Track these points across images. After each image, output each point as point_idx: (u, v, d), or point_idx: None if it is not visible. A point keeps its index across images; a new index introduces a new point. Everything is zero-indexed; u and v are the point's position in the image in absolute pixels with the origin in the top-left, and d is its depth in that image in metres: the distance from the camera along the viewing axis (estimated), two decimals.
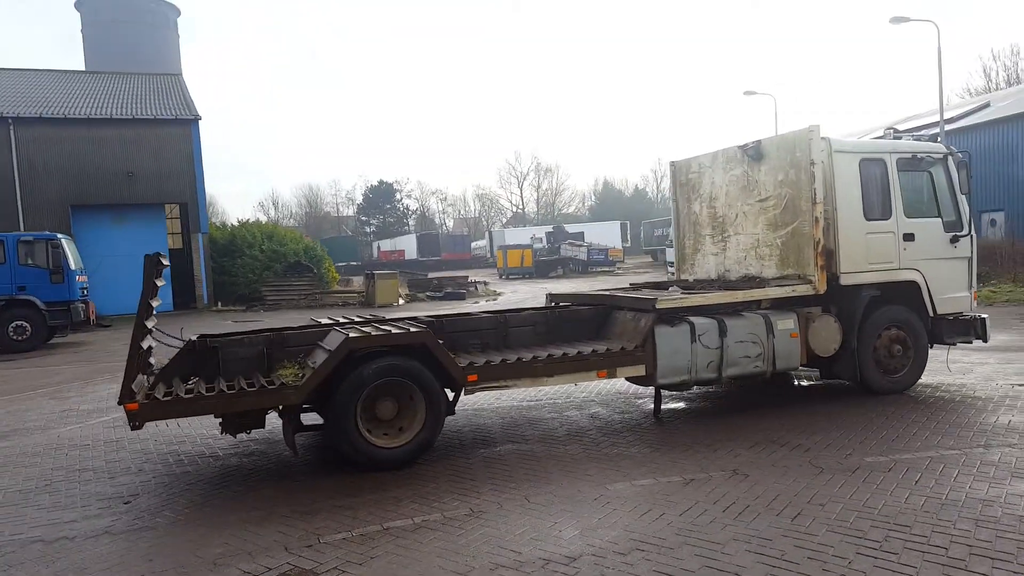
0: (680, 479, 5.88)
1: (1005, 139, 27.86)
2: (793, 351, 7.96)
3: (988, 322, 8.95)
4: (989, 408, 7.69)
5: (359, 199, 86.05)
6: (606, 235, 59.35)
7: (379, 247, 73.80)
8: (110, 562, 4.81)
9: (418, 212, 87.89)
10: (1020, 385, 8.74)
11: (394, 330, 6.60)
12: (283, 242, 30.34)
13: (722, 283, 9.21)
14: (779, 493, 5.44)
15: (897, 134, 9.22)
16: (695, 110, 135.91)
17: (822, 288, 8.04)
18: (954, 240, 8.79)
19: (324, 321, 7.85)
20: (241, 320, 23.81)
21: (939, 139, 20.20)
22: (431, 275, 38.87)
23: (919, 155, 8.65)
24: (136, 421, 5.76)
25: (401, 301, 29.25)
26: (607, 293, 8.73)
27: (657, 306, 7.41)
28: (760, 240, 8.84)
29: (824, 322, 8.13)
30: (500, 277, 47.20)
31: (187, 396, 5.86)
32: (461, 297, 31.19)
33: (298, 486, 6.20)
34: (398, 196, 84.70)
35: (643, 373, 7.35)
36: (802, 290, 8.03)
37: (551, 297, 9.50)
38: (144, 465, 7.05)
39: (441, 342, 6.69)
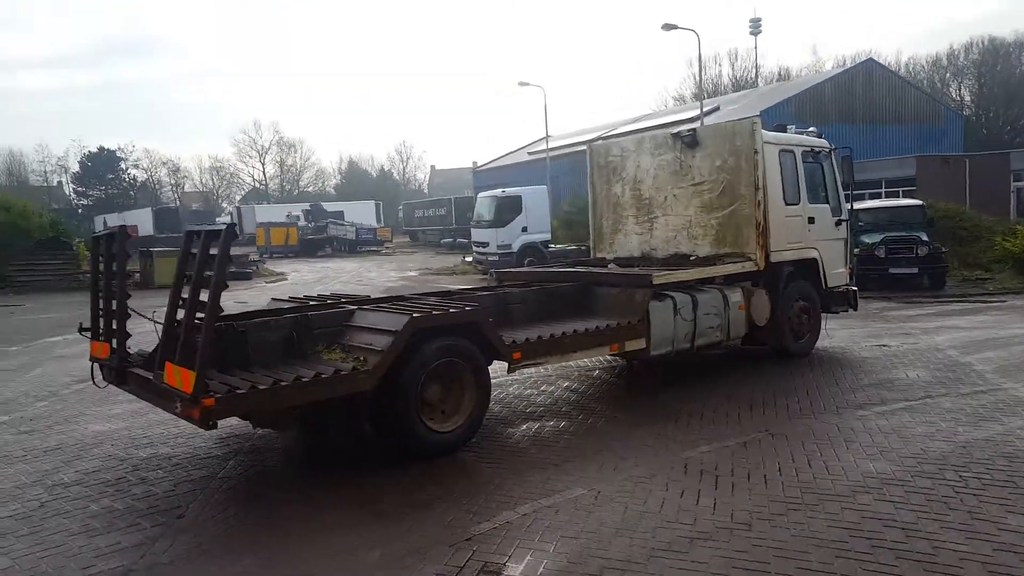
0: (735, 443, 6.25)
1: None
2: (741, 321, 8.75)
3: (857, 294, 10.58)
4: (888, 366, 9.11)
5: (75, 167, 74.70)
6: (362, 215, 58.58)
7: (105, 222, 64.86)
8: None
9: (147, 184, 78.43)
10: (882, 346, 10.47)
11: (451, 308, 6.14)
12: (24, 215, 25.43)
13: (649, 260, 9.73)
14: (835, 447, 6.03)
15: (799, 129, 10.40)
16: (446, 96, 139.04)
17: (762, 265, 8.91)
18: (837, 224, 10.23)
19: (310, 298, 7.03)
20: None
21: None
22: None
23: (816, 148, 9.91)
24: (212, 419, 4.81)
25: None
26: (583, 271, 8.83)
27: (653, 282, 7.68)
28: (693, 221, 9.49)
29: (760, 295, 9.02)
30: (261, 256, 44.21)
31: (264, 388, 5.01)
32: (247, 277, 28.71)
33: (362, 482, 5.59)
34: (123, 165, 74.98)
35: (643, 346, 7.58)
36: (749, 267, 8.83)
37: (499, 276, 9.38)
38: (139, 472, 5.92)
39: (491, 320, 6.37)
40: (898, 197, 24.43)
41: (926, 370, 8.82)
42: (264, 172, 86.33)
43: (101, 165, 72.94)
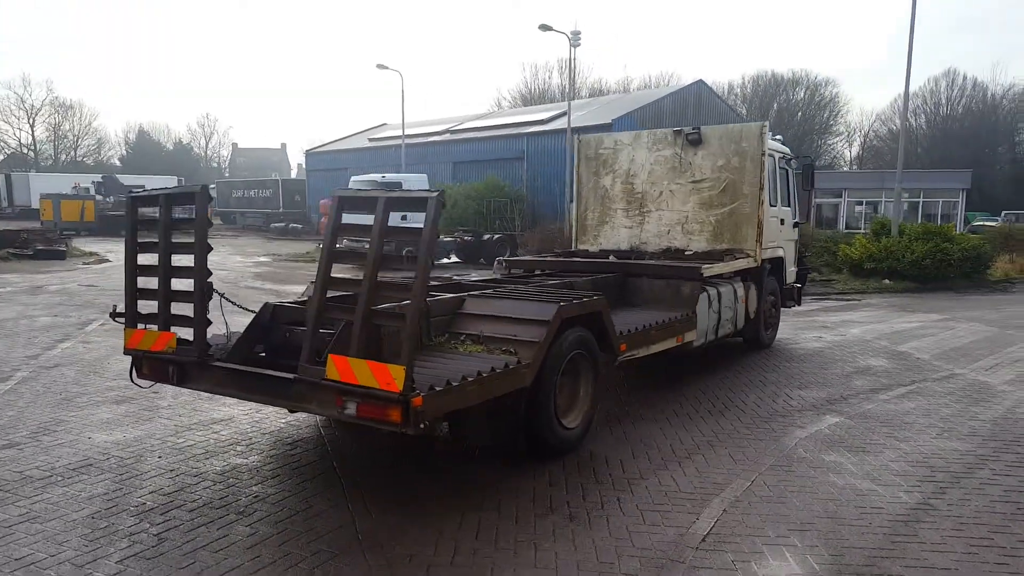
0: (820, 429, 6.69)
1: None
2: (742, 314, 9.32)
3: (801, 291, 11.71)
4: (848, 356, 10.10)
5: None
6: None
7: None
8: None
9: None
10: (818, 338, 11.66)
11: (583, 297, 5.91)
12: None
13: (641, 253, 10.04)
14: (901, 429, 6.66)
15: (775, 136, 11.21)
16: (252, 72, 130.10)
17: (759, 261, 9.56)
18: (795, 226, 11.24)
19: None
20: None
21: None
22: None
23: (788, 156, 10.81)
24: (422, 421, 4.17)
25: None
26: (618, 261, 8.88)
27: (704, 275, 7.97)
28: (690, 217, 9.92)
29: (752, 289, 9.67)
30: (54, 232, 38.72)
31: (458, 384, 4.49)
32: (60, 256, 25.13)
33: (506, 487, 5.17)
34: None
35: (694, 337, 7.83)
36: (750, 263, 9.42)
37: (506, 263, 9.19)
38: (239, 488, 4.94)
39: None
40: None
41: (882, 359, 9.96)
42: (33, 136, 75.74)
43: None
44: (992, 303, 16.63)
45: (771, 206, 10.11)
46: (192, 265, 4.90)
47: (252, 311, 5.55)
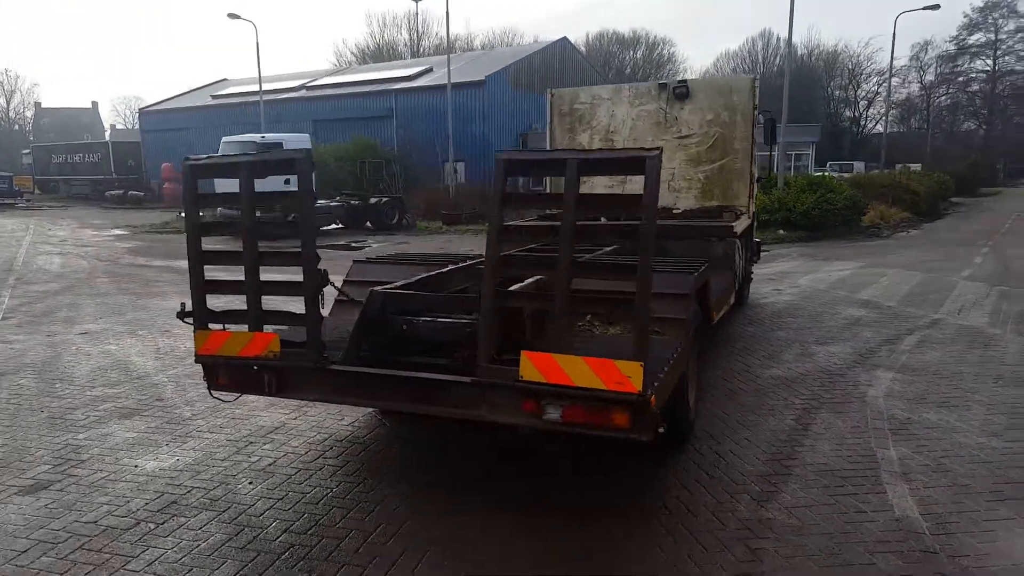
0: (891, 384, 6.58)
1: (456, 101, 32.81)
2: (741, 270, 9.16)
3: (761, 245, 11.80)
4: (825, 309, 10.22)
5: None
6: None
7: None
8: None
9: None
10: (776, 291, 11.83)
11: (696, 265, 5.31)
12: None
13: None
14: (958, 380, 6.71)
15: None
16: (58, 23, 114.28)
17: (752, 217, 9.40)
18: (759, 180, 11.22)
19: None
20: None
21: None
22: None
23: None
24: (660, 424, 3.51)
25: None
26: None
27: (736, 231, 7.62)
28: (676, 174, 9.55)
29: (743, 246, 9.52)
30: None
31: (665, 372, 3.84)
32: None
33: (669, 480, 4.57)
34: None
35: (731, 298, 7.51)
36: (748, 219, 9.23)
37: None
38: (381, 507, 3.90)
39: None
40: None
41: (860, 309, 10.19)
42: None
43: None
44: (883, 248, 17.88)
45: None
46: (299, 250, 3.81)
47: (359, 301, 4.49)
